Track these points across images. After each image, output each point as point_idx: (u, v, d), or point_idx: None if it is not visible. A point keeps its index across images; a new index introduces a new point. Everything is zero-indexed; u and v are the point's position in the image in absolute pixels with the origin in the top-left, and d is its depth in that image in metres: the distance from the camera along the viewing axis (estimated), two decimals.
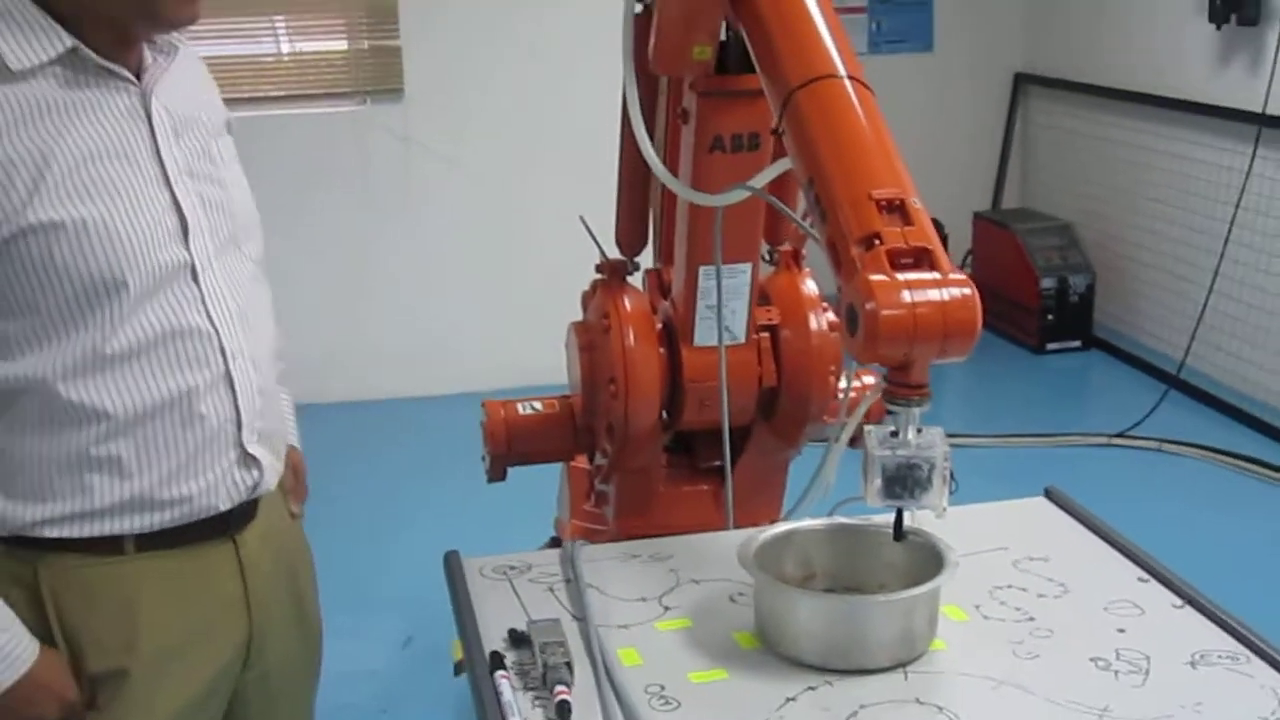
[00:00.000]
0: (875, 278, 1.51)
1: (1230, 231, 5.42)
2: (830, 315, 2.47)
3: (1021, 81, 7.21)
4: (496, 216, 5.84)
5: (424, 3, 5.65)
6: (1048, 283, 6.35)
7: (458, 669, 3.71)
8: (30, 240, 1.63)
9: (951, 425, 5.44)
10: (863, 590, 1.82)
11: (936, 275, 1.53)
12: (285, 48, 5.71)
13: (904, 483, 1.60)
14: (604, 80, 5.22)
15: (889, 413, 1.60)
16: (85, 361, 1.68)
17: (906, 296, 1.50)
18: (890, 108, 1.91)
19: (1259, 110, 5.27)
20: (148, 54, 1.77)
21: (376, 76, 5.70)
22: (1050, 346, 6.39)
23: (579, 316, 2.67)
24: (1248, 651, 1.73)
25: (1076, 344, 6.40)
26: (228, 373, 1.77)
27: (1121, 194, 6.43)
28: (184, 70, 1.83)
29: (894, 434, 1.60)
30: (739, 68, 2.07)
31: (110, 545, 1.74)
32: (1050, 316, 6.37)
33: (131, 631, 1.76)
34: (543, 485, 3.10)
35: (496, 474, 2.79)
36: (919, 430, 1.60)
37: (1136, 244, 6.35)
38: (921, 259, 1.54)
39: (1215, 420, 5.44)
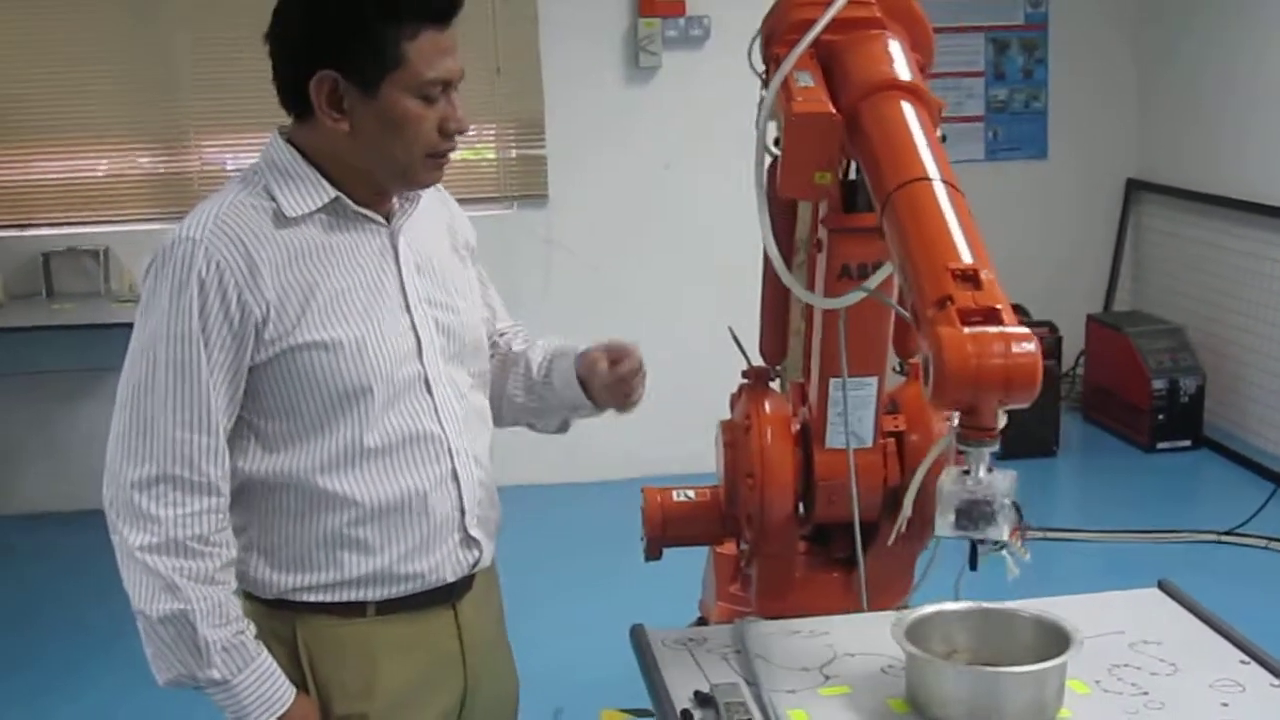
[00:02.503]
0: (945, 330, 1.76)
1: None
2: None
3: (1133, 187, 7.40)
4: (629, 316, 6.13)
5: (568, 116, 6.02)
6: (1159, 384, 6.49)
7: None
8: (296, 356, 1.97)
9: (1065, 521, 5.68)
10: (998, 664, 2.07)
11: (1001, 330, 1.76)
12: None
13: (971, 516, 1.84)
14: (731, 193, 5.56)
15: (960, 453, 1.85)
16: (338, 458, 2.01)
17: (970, 348, 1.74)
18: (1006, 213, 2.16)
19: None
20: (395, 200, 2.11)
21: (523, 183, 6.07)
22: (1161, 445, 6.52)
23: (706, 412, 2.93)
24: None
25: (1186, 443, 6.52)
26: (454, 470, 2.10)
27: (1231, 298, 6.58)
28: (427, 210, 2.17)
29: (966, 473, 1.85)
30: (865, 206, 2.29)
31: (355, 609, 2.08)
32: (1161, 416, 6.50)
33: (371, 681, 2.09)
34: (676, 568, 3.34)
35: (653, 553, 3.04)
36: (989, 470, 1.84)
37: (1246, 347, 6.49)
38: (990, 317, 1.77)
39: None
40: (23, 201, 6.03)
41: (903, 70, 2.20)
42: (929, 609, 2.16)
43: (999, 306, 1.78)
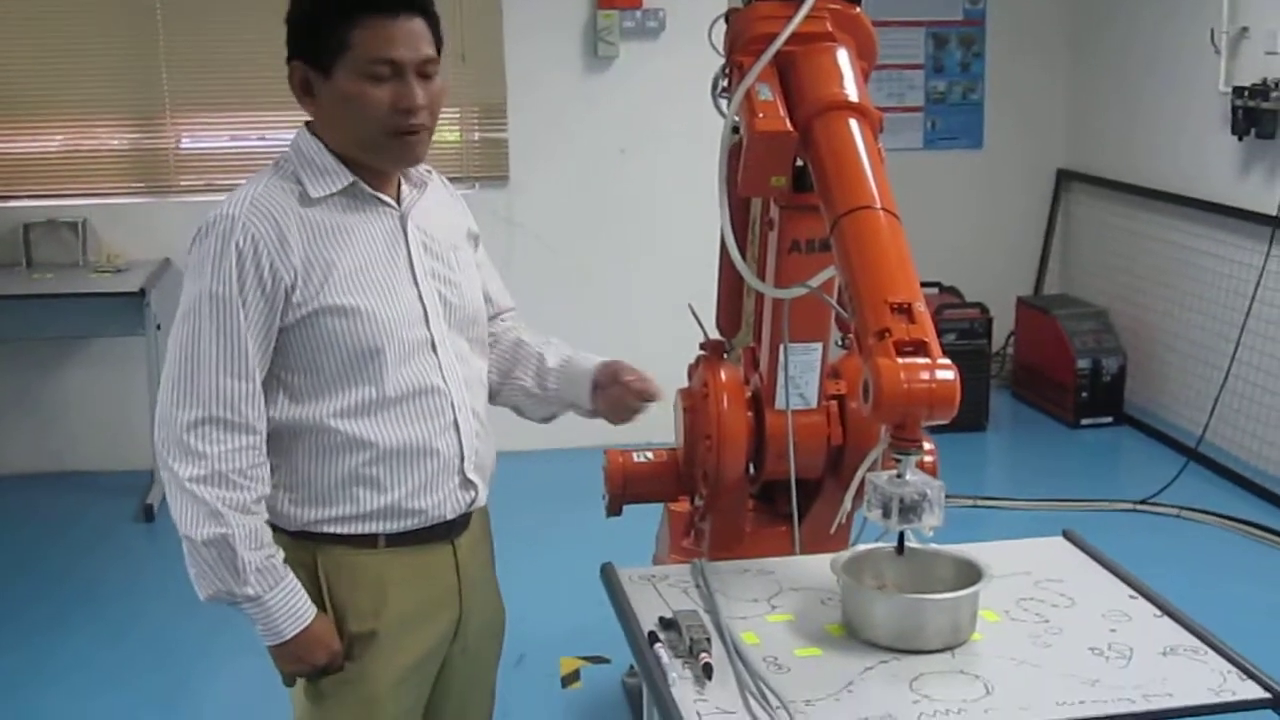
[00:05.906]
0: (882, 361, 2.10)
1: (1246, 320, 5.94)
2: None
3: (1063, 177, 7.72)
4: (587, 293, 6.40)
5: (529, 102, 6.28)
6: (1083, 363, 6.83)
7: (565, 682, 4.27)
8: (320, 319, 2.26)
9: (994, 491, 5.99)
10: (921, 594, 2.40)
11: (928, 361, 2.11)
12: None
13: (903, 510, 2.20)
14: (685, 178, 5.86)
15: (894, 460, 2.19)
16: (354, 407, 2.31)
17: (903, 376, 2.09)
18: (943, 200, 2.43)
19: (1273, 214, 5.79)
20: (404, 186, 2.42)
21: (485, 165, 6.32)
22: (1084, 422, 6.86)
23: (664, 383, 3.21)
24: (1206, 646, 2.30)
25: (1108, 419, 6.86)
26: (455, 421, 2.41)
27: (1152, 283, 6.91)
28: (433, 197, 2.47)
29: (898, 475, 2.20)
30: (813, 187, 2.57)
31: (368, 541, 2.38)
32: (1085, 394, 6.84)
33: (381, 603, 2.39)
34: (630, 530, 3.59)
35: (614, 510, 3.32)
36: (914, 473, 2.20)
37: (1164, 329, 6.83)
38: (920, 348, 2.12)
39: (1230, 490, 5.91)
40: (4, 174, 6.23)
41: (850, 88, 2.51)
42: (863, 548, 2.48)
43: (927, 340, 2.12)
